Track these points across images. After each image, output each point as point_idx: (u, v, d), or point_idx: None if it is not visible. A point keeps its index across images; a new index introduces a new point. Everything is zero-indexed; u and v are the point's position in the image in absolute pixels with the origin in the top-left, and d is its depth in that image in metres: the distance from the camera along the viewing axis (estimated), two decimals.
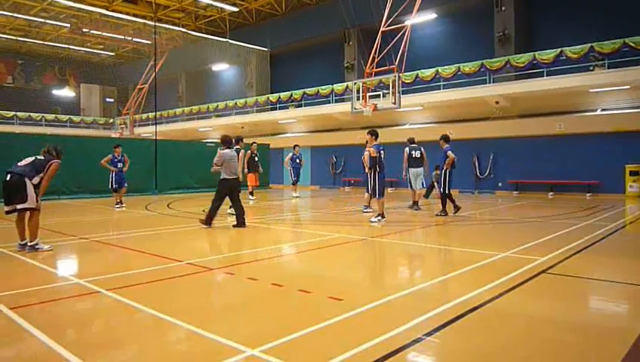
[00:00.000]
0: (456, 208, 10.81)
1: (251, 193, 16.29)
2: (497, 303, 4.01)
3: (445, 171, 10.62)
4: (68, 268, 5.91)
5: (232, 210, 11.14)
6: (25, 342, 3.24)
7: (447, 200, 10.65)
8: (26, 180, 6.22)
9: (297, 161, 16.83)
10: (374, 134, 9.85)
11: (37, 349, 3.10)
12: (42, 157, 6.59)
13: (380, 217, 9.71)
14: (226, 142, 9.23)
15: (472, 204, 14.76)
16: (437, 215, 10.69)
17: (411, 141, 12.40)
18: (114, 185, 12.81)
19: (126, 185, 13.11)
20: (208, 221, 8.94)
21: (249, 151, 15.71)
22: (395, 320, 3.57)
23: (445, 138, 10.87)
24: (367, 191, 10.27)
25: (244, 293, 4.65)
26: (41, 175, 6.42)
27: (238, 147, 11.49)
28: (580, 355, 3.02)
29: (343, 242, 7.40)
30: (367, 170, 10.04)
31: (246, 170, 12.61)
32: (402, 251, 7.15)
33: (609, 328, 3.55)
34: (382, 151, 9.74)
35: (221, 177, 9.05)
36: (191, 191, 19.77)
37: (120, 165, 12.83)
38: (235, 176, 9.14)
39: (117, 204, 12.84)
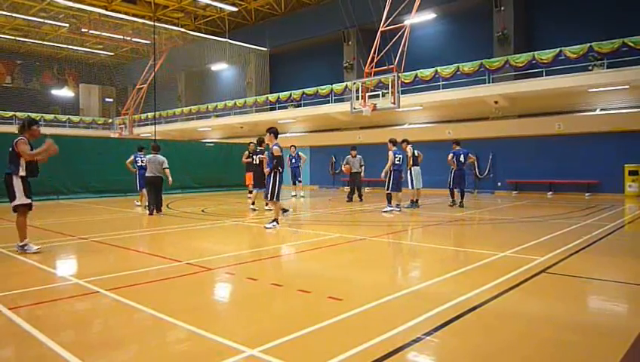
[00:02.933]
0: (454, 202, 12.76)
1: (250, 192, 16.31)
2: (496, 303, 4.02)
3: (452, 170, 12.72)
4: (67, 268, 5.90)
5: (253, 206, 12.36)
6: (24, 342, 3.24)
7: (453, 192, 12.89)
8: (13, 177, 6.11)
9: (294, 160, 16.84)
10: (274, 132, 8.96)
11: (36, 349, 3.10)
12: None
13: (274, 223, 8.90)
14: (154, 148, 11.68)
15: (471, 203, 14.77)
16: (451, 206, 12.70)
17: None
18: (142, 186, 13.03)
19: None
20: (151, 211, 11.34)
21: (247, 152, 15.82)
22: (394, 319, 3.58)
23: (457, 142, 13.01)
24: (267, 198, 9.07)
25: (244, 293, 4.65)
26: (20, 162, 6.08)
27: (262, 148, 12.21)
28: (579, 355, 3.03)
29: (343, 242, 7.40)
30: (266, 171, 9.20)
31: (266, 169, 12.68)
32: (402, 251, 7.16)
33: (608, 327, 3.56)
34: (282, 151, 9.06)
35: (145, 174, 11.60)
36: (190, 191, 19.77)
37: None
38: (153, 174, 11.33)
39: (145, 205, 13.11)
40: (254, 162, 12.35)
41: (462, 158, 12.63)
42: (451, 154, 12.67)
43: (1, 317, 3.69)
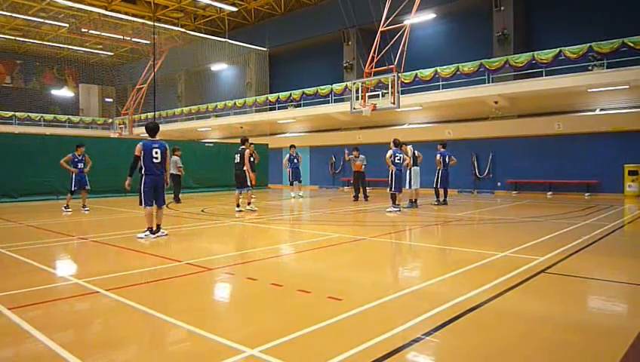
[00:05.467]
0: (439, 201, 13.60)
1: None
2: (496, 303, 4.02)
3: (438, 170, 13.44)
4: (67, 268, 5.90)
5: (250, 207, 12.12)
6: (24, 342, 3.24)
7: (440, 191, 13.69)
8: None
9: (295, 161, 16.88)
10: (148, 128, 7.86)
11: (36, 349, 3.10)
12: None
13: (148, 232, 7.68)
14: (174, 150, 13.91)
15: (471, 203, 14.78)
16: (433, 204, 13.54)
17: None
18: (74, 187, 12.07)
19: (88, 187, 12.35)
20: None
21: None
22: (394, 319, 3.58)
23: (443, 144, 13.84)
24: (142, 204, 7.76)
25: (244, 293, 4.66)
26: None
27: (243, 147, 12.00)
28: (579, 355, 3.03)
29: (343, 242, 7.40)
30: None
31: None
32: (401, 251, 7.16)
33: (608, 327, 3.56)
34: (156, 150, 7.60)
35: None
36: (190, 191, 19.74)
37: (80, 165, 12.14)
38: (172, 173, 12.78)
39: (83, 207, 12.31)
40: (235, 160, 12.09)
41: (447, 159, 13.45)
42: (439, 155, 13.40)
43: (1, 317, 3.69)
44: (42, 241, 6.66)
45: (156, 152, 7.58)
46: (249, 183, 11.91)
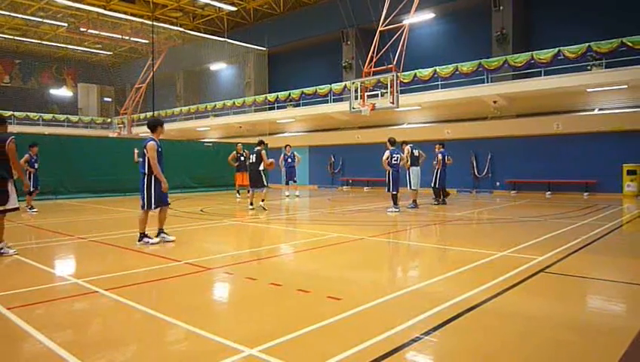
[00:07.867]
0: (439, 201, 13.61)
1: (238, 191, 16.62)
2: (495, 302, 4.02)
3: (437, 170, 13.44)
4: (66, 268, 5.89)
5: (251, 206, 12.31)
6: (23, 342, 3.23)
7: (440, 191, 13.72)
8: (8, 180, 5.90)
9: (289, 160, 16.93)
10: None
11: (35, 349, 3.10)
12: None
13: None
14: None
15: (470, 203, 14.79)
16: (434, 204, 13.56)
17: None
18: (32, 187, 11.72)
19: (39, 188, 12.39)
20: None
21: (234, 152, 16.32)
22: (393, 319, 3.58)
23: (442, 144, 13.92)
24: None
25: (243, 293, 4.65)
26: (8, 164, 5.90)
27: (259, 148, 12.31)
28: (578, 354, 3.03)
29: (342, 242, 7.40)
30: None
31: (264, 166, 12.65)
32: (401, 251, 7.16)
33: (607, 327, 3.56)
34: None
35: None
36: (189, 191, 19.75)
37: (36, 165, 11.97)
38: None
39: (31, 208, 12.04)
40: (250, 160, 12.48)
41: (445, 159, 13.58)
42: (440, 155, 13.45)
43: (0, 317, 3.68)
44: (42, 241, 6.65)
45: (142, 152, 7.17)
46: (265, 183, 12.31)
